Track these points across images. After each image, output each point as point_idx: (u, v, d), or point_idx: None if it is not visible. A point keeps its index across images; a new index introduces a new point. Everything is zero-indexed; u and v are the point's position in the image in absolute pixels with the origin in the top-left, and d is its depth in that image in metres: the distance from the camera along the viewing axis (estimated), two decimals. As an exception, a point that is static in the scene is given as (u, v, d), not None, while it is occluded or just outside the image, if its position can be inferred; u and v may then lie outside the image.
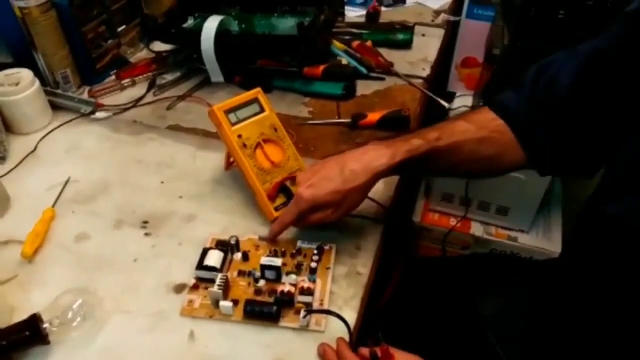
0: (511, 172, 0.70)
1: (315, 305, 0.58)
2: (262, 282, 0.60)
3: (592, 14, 0.82)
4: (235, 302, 0.58)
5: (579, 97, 0.59)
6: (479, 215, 1.20)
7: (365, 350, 0.52)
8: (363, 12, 1.20)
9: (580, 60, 0.60)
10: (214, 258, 0.61)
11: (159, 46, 1.05)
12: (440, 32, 1.16)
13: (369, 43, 1.04)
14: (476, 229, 1.20)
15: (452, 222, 1.21)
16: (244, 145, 0.68)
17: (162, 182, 0.77)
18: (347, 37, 1.07)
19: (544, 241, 1.17)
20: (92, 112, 0.90)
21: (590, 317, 0.58)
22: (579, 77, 0.59)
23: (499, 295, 0.74)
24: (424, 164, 0.63)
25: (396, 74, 0.99)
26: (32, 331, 0.53)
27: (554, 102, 0.61)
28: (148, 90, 0.96)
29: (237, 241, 0.64)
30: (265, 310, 0.57)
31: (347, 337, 0.54)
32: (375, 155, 0.60)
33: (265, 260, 0.60)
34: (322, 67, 0.94)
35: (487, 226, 1.20)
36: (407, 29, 1.11)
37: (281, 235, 0.66)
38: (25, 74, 0.85)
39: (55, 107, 0.91)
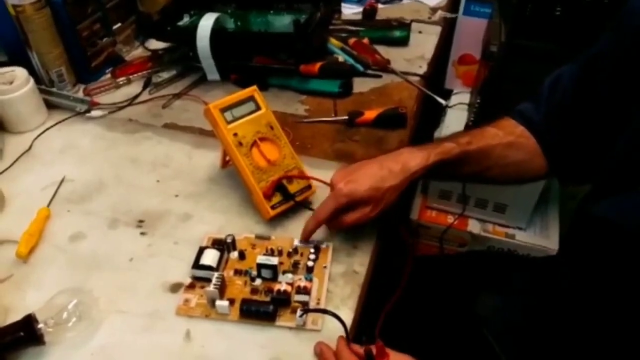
0: (537, 181, 0.70)
1: (312, 305, 0.58)
2: (258, 281, 0.60)
3: (589, 11, 0.82)
4: (232, 302, 0.58)
5: (580, 102, 0.60)
6: (476, 213, 1.20)
7: (356, 347, 0.52)
8: (360, 9, 1.20)
9: (580, 66, 0.61)
10: (210, 257, 0.61)
11: (155, 44, 1.05)
12: (437, 29, 1.15)
13: (365, 40, 1.04)
14: (473, 227, 1.20)
15: (450, 219, 1.21)
16: (240, 144, 0.68)
17: (158, 181, 0.77)
18: (344, 35, 1.07)
19: (542, 238, 1.17)
20: (87, 111, 0.89)
21: (587, 314, 0.59)
22: (579, 82, 0.60)
23: (496, 293, 0.74)
24: (455, 168, 0.64)
25: (393, 72, 0.99)
26: (27, 332, 0.53)
27: (564, 109, 0.63)
28: (143, 89, 0.96)
29: (234, 240, 0.64)
30: (261, 310, 0.56)
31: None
32: (411, 157, 0.61)
33: (261, 259, 0.60)
34: (318, 65, 0.94)
35: (485, 223, 1.20)
36: (404, 26, 1.11)
37: (277, 233, 0.65)
38: (20, 72, 0.84)
39: (50, 105, 0.90)
